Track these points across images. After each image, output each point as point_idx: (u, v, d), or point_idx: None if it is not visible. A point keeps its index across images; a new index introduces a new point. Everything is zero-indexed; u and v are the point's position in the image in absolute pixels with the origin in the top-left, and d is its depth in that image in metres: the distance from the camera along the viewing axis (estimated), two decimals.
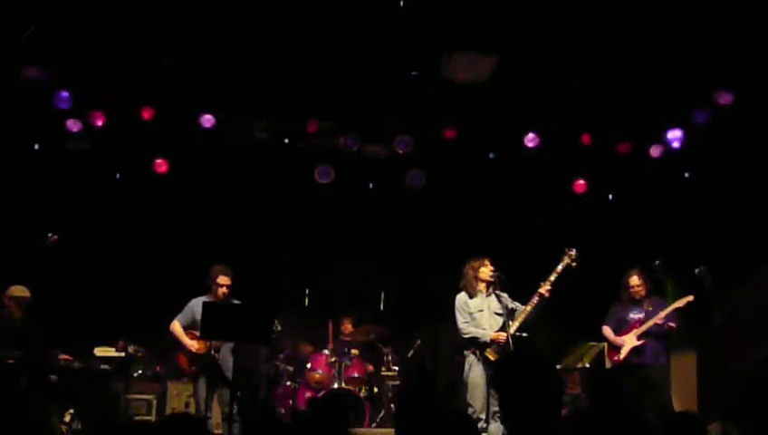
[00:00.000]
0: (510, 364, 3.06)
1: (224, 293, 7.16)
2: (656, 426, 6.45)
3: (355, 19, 6.88)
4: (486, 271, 7.03)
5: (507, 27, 6.91)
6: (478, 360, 6.89)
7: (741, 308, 7.28)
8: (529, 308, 6.86)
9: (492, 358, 6.82)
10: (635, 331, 7.46)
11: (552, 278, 6.91)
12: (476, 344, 6.91)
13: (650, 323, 7.38)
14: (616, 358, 7.56)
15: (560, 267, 6.95)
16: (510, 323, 6.76)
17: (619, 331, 7.58)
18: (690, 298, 7.35)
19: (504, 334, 6.75)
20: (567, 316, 7.16)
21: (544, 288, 6.87)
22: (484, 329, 6.90)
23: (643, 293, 7.58)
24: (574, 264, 6.98)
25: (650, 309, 7.49)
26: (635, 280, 7.62)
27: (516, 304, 7.05)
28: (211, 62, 7.71)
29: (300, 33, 7.19)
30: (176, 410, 7.99)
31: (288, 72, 7.90)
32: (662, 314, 7.37)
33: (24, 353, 7.11)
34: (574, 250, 7.00)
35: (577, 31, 6.98)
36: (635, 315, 7.57)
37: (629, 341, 7.47)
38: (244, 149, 9.20)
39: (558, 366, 8.02)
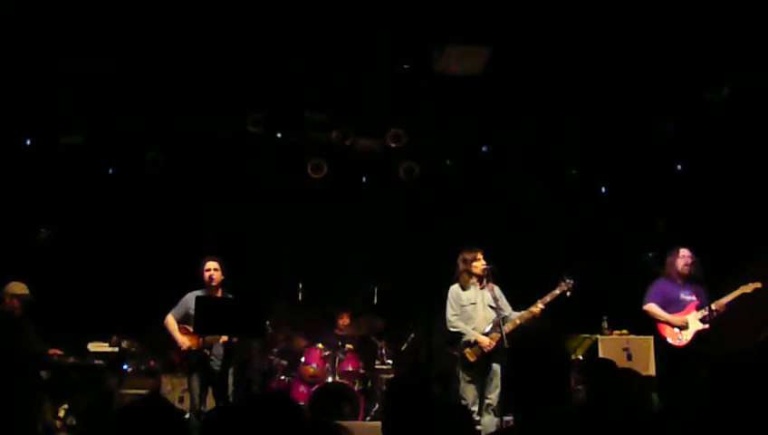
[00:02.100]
0: (524, 347, 3.07)
1: (211, 276, 7.14)
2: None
3: (347, 12, 6.86)
4: (478, 265, 7.03)
5: (500, 19, 6.89)
6: (458, 359, 6.92)
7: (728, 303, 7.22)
8: (518, 322, 6.90)
9: (471, 359, 6.83)
10: (694, 313, 7.01)
11: (548, 299, 6.93)
12: (459, 342, 6.93)
13: (714, 305, 6.82)
14: (679, 342, 7.01)
15: (557, 291, 6.95)
16: (502, 325, 6.79)
17: (669, 311, 7.14)
18: (758, 284, 6.95)
19: (487, 341, 6.78)
20: (560, 309, 7.14)
21: (538, 308, 6.90)
22: (473, 325, 6.92)
23: (694, 271, 7.08)
24: (569, 293, 6.96)
25: (699, 293, 7.02)
26: (688, 252, 7.17)
27: (506, 305, 7.07)
28: (204, 55, 7.68)
29: (292, 27, 7.16)
30: None
31: (281, 65, 7.88)
32: (728, 297, 6.93)
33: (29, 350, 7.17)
34: (571, 281, 6.97)
35: (570, 22, 6.96)
36: (687, 296, 7.12)
37: (693, 322, 6.98)
38: (237, 143, 9.19)
39: None
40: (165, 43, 7.37)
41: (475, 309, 6.99)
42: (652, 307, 7.24)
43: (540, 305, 6.93)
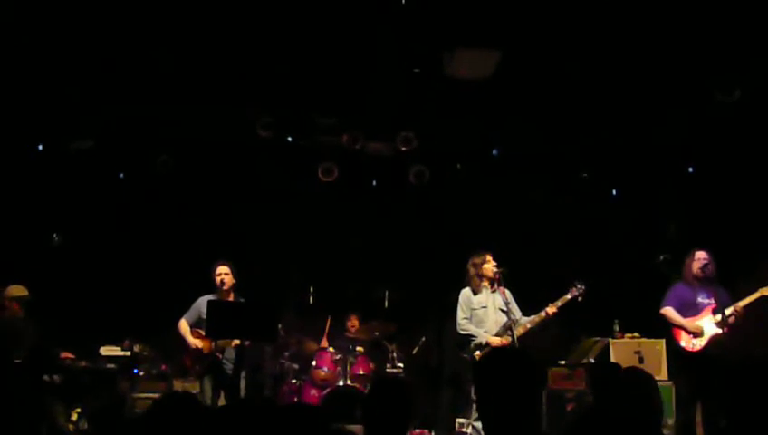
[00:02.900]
0: (487, 359, 3.02)
1: (222, 280, 7.17)
2: None
3: (357, 16, 6.86)
4: (489, 268, 7.04)
5: (509, 22, 6.88)
6: (470, 362, 6.91)
7: (746, 306, 7.16)
8: (529, 326, 6.91)
9: None
10: (710, 317, 6.89)
11: (559, 304, 6.94)
12: (470, 345, 6.93)
13: (731, 309, 6.76)
14: (693, 347, 6.91)
15: (568, 296, 6.95)
16: (513, 328, 6.81)
17: (685, 315, 7.01)
18: None
19: (498, 341, 6.79)
20: (571, 312, 7.15)
21: (551, 309, 6.90)
22: (485, 329, 6.92)
23: (711, 272, 7.00)
24: (580, 298, 6.95)
25: (718, 295, 6.90)
26: (703, 254, 7.06)
27: (516, 309, 7.07)
28: (214, 59, 7.70)
29: (302, 30, 7.17)
30: None
31: (291, 69, 7.89)
32: (747, 300, 6.81)
33: (30, 352, 7.18)
34: (582, 286, 6.96)
35: (579, 24, 6.95)
36: (704, 300, 6.98)
37: (709, 327, 6.87)
38: (247, 147, 9.21)
39: (562, 362, 8.01)
40: (175, 46, 7.38)
41: (486, 313, 6.99)
42: (669, 311, 7.16)
43: (550, 310, 6.93)
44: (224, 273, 7.23)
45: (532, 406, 2.72)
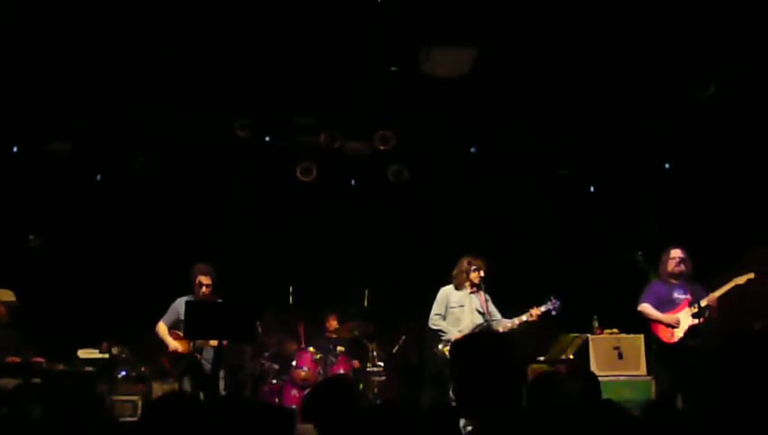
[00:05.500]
0: (462, 344, 2.87)
1: (204, 293, 7.16)
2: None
3: (333, 15, 6.85)
4: (476, 276, 7.12)
5: (486, 20, 6.89)
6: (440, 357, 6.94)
7: (721, 296, 7.24)
8: (501, 330, 6.94)
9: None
10: (686, 310, 7.03)
11: (535, 312, 6.98)
12: (441, 341, 6.97)
13: (705, 301, 6.90)
14: (671, 338, 7.05)
15: (542, 308, 7.00)
16: (491, 329, 6.85)
17: (663, 311, 7.15)
18: (751, 275, 6.95)
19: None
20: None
21: (534, 313, 6.94)
22: (460, 328, 6.96)
23: (687, 269, 7.16)
24: (554, 313, 7.05)
25: (694, 290, 7.04)
26: (678, 252, 7.21)
27: (494, 311, 7.11)
28: (192, 60, 7.67)
29: (279, 31, 7.16)
30: None
31: (268, 69, 7.87)
32: (721, 290, 6.97)
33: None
34: (558, 302, 7.05)
35: (557, 22, 6.97)
36: (681, 295, 7.13)
37: (685, 319, 7.01)
38: (225, 148, 9.18)
39: (541, 358, 8.04)
40: (152, 48, 7.35)
41: (462, 311, 7.05)
42: (646, 307, 7.29)
43: (524, 318, 7.00)
44: (206, 285, 7.20)
45: (510, 391, 2.61)
